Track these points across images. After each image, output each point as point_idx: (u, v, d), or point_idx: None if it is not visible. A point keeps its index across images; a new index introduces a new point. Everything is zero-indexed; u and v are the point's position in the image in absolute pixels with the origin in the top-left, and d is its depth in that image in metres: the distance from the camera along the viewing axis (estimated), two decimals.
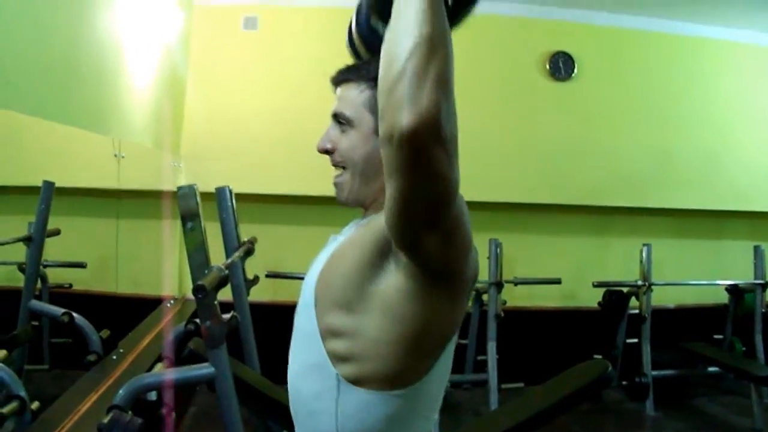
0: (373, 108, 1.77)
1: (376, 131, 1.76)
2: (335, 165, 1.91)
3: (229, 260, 3.94)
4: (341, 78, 1.90)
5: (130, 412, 2.81)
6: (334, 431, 1.74)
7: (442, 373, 1.80)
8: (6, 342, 3.67)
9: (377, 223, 1.69)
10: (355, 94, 1.85)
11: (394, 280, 1.63)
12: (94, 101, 4.03)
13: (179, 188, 3.26)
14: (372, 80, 1.72)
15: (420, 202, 1.44)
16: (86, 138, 4.13)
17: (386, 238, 1.61)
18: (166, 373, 3.36)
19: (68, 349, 4.22)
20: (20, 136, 3.59)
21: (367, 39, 1.83)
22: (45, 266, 5.16)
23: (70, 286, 5.36)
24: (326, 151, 1.90)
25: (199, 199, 3.27)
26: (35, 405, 3.20)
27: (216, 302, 3.21)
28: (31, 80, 3.09)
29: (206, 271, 3.17)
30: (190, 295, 3.42)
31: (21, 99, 3.01)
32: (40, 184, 4.02)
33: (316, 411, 1.78)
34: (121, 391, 3.16)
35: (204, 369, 3.29)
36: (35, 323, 4.45)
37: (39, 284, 5.13)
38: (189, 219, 3.21)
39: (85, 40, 3.80)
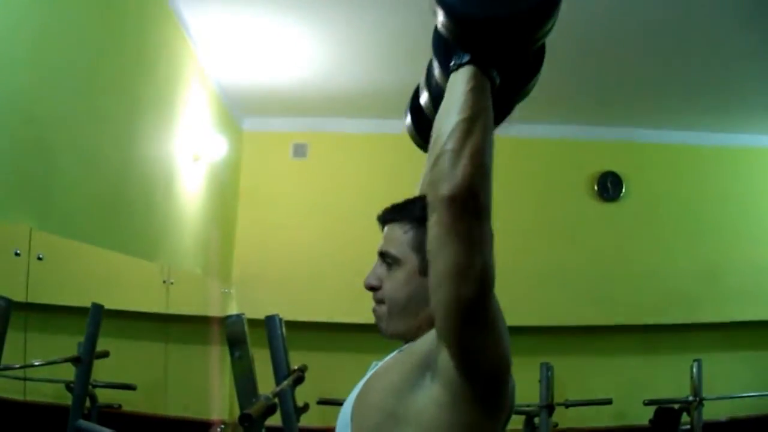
0: (417, 248, 1.84)
1: (420, 271, 1.82)
2: (377, 301, 1.95)
3: (278, 388, 3.95)
4: (387, 218, 1.96)
5: None
6: None
7: None
8: None
9: (416, 345, 1.77)
10: (399, 234, 1.90)
11: (429, 393, 1.63)
12: (143, 228, 4.11)
13: (227, 317, 3.28)
14: (416, 220, 1.82)
15: (460, 281, 1.49)
16: (137, 264, 4.20)
17: (425, 355, 1.67)
18: None
19: None
20: (73, 259, 3.66)
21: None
22: (94, 386, 5.20)
23: (120, 407, 5.38)
24: (372, 288, 1.94)
25: (246, 328, 3.29)
26: None
27: (264, 430, 3.21)
28: (82, 209, 3.17)
29: (254, 400, 3.17)
30: None
31: (71, 226, 3.07)
32: (89, 305, 4.09)
33: None
34: None
35: None
36: None
37: (88, 403, 5.17)
38: (237, 348, 3.23)
39: (134, 170, 3.89)
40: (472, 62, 1.55)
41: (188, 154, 5.02)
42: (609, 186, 7.35)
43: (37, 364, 4.14)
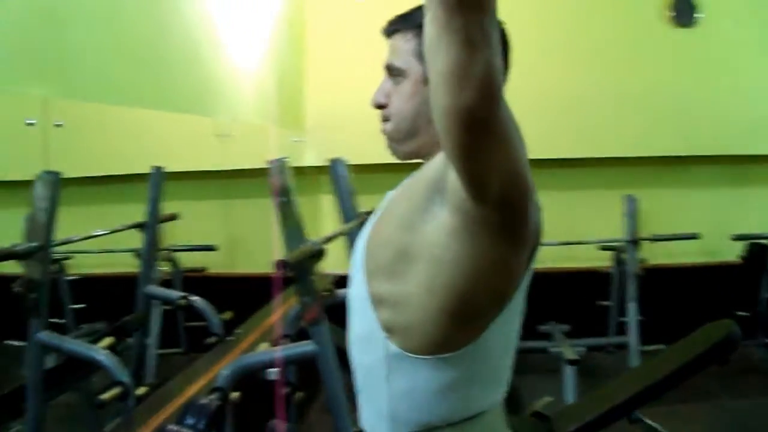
0: (421, 55, 1.69)
1: (425, 80, 1.68)
2: (383, 119, 1.84)
3: (332, 234, 3.90)
4: (391, 29, 1.83)
5: (213, 396, 2.79)
6: (386, 403, 1.69)
7: (503, 339, 1.69)
8: (116, 329, 3.71)
9: (425, 169, 1.68)
10: (402, 44, 1.77)
11: (440, 220, 1.52)
12: (189, 84, 3.97)
13: (270, 161, 3.23)
14: (418, 27, 1.63)
15: (460, 85, 1.30)
16: (186, 120, 4.13)
17: (434, 179, 1.57)
18: (267, 353, 3.35)
19: (203, 333, 4.25)
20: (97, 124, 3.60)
21: None
22: (174, 251, 5.25)
23: (203, 270, 5.43)
24: (380, 106, 1.84)
25: (290, 172, 3.23)
26: (142, 390, 3.22)
27: (313, 277, 3.18)
28: (117, 71, 3.07)
29: (300, 246, 3.15)
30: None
31: (110, 91, 3.00)
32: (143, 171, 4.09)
33: (371, 384, 1.74)
34: (223, 373, 3.16)
35: (306, 346, 3.27)
36: (167, 308, 4.51)
37: (171, 269, 5.22)
38: (281, 193, 3.17)
39: (173, 26, 3.74)
40: None
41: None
42: (684, 10, 6.92)
43: (99, 233, 4.16)
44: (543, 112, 6.39)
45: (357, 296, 1.75)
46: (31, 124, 2.74)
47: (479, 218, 1.46)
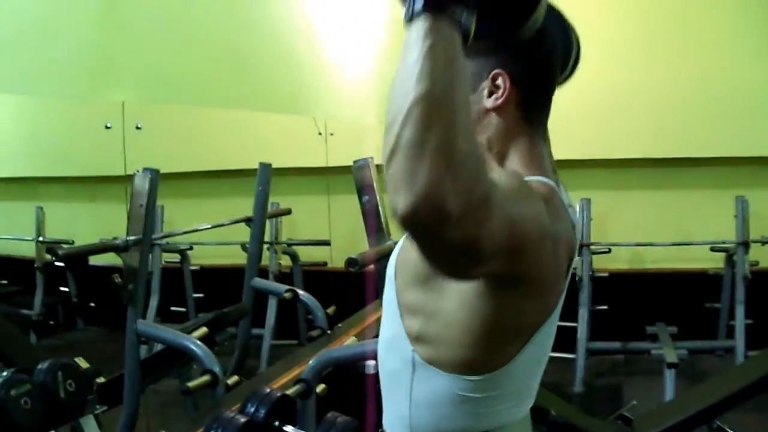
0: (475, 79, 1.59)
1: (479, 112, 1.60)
2: None
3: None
4: None
5: (296, 387, 2.88)
6: (407, 409, 1.67)
7: (532, 360, 1.64)
8: (214, 320, 3.84)
9: None
10: None
11: None
12: (294, 86, 4.04)
13: (355, 161, 3.30)
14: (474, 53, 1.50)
15: (453, 263, 1.22)
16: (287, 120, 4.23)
17: None
18: (352, 347, 3.40)
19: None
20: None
21: None
22: (290, 245, 5.37)
23: (324, 264, 5.54)
24: None
25: (373, 171, 3.28)
26: (233, 379, 3.34)
27: None
28: (217, 77, 3.19)
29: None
30: None
31: (187, 92, 3.10)
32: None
33: (394, 388, 1.70)
34: (309, 364, 3.24)
35: None
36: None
37: (289, 262, 5.35)
38: (363, 192, 3.24)
39: (275, 36, 3.83)
40: (426, 7, 1.15)
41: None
42: None
43: (203, 227, 4.30)
44: (657, 111, 6.30)
45: (389, 301, 1.71)
46: (109, 128, 2.86)
47: (495, 283, 1.44)
